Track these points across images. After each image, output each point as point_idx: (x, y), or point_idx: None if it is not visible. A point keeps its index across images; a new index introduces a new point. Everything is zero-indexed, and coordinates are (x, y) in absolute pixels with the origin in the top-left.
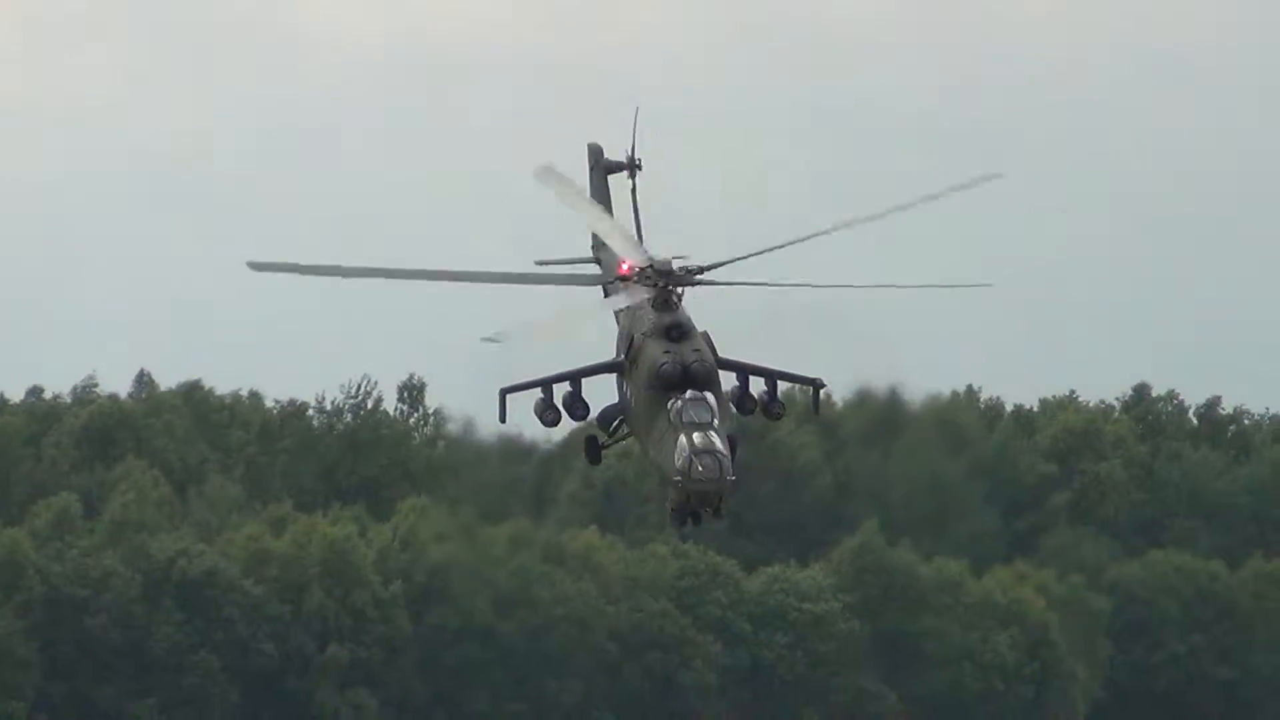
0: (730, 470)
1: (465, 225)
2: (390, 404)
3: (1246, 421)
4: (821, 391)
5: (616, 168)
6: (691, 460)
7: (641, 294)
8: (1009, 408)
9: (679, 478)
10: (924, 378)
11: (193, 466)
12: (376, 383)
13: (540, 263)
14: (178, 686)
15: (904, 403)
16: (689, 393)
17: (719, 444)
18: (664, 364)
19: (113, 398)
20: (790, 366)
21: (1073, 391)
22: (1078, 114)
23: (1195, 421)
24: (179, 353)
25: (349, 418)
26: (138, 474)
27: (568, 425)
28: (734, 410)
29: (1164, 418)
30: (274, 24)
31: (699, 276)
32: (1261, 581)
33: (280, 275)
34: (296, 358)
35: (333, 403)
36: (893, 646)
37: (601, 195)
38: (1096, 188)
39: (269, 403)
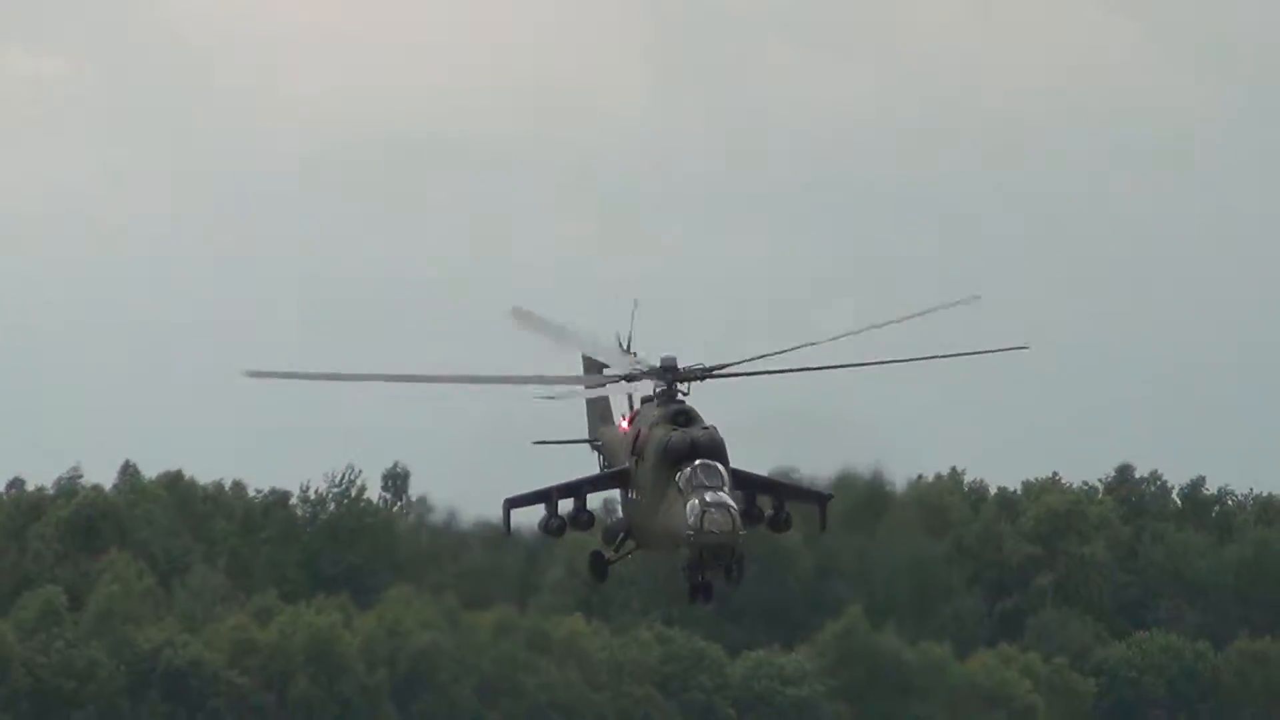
0: (741, 525)
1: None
2: (374, 492)
3: (1230, 502)
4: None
5: (598, 366)
6: (703, 514)
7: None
8: (992, 490)
9: (691, 533)
10: (907, 461)
11: (176, 557)
12: (361, 471)
13: (537, 443)
14: None
15: (887, 485)
16: (699, 460)
17: (729, 500)
18: (673, 437)
19: (96, 489)
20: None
21: (1055, 473)
22: (1058, 197)
23: (1179, 502)
24: (162, 443)
25: (332, 506)
26: (122, 565)
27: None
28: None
29: (1147, 498)
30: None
31: (703, 371)
32: (1247, 661)
33: (267, 358)
34: (278, 447)
35: (316, 492)
36: None
37: (597, 397)
38: (1080, 270)
39: (251, 492)
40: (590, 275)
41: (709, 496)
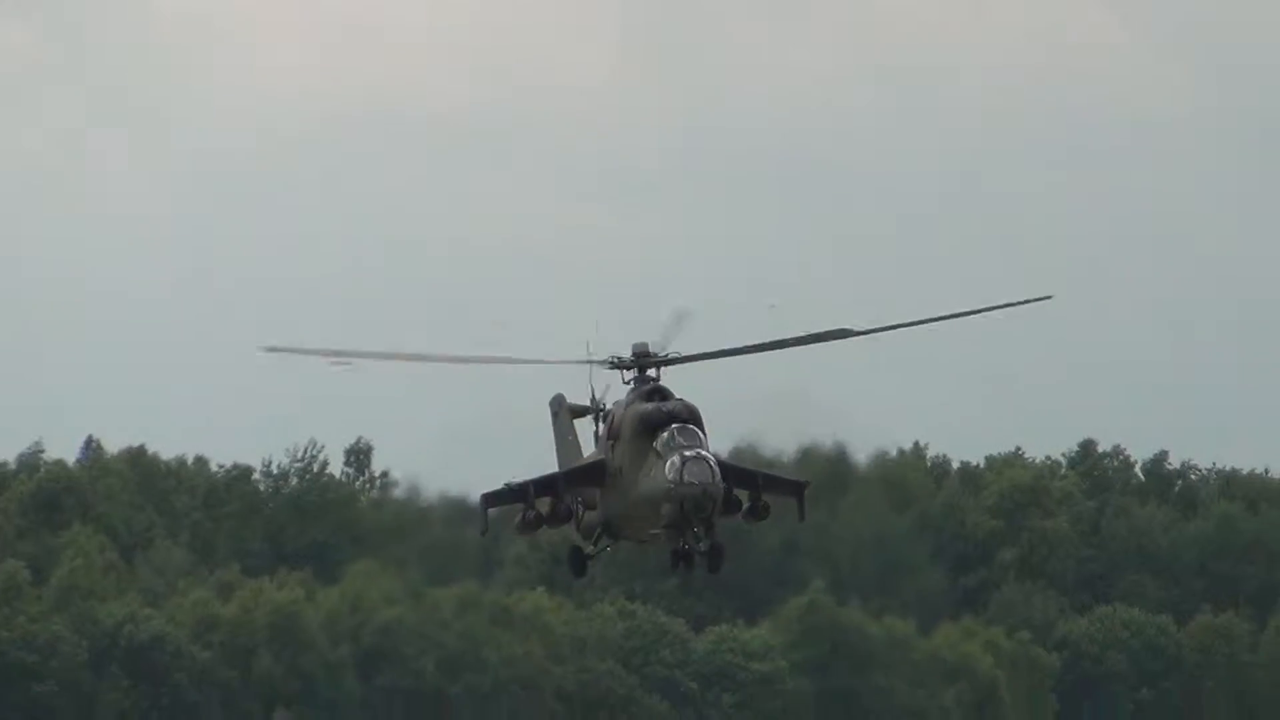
0: (720, 479)
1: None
2: (336, 468)
3: (1193, 476)
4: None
5: (582, 412)
6: (683, 466)
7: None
8: (955, 465)
9: (671, 485)
10: (870, 436)
11: (139, 532)
12: (323, 446)
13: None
14: None
15: (850, 461)
16: (675, 424)
17: (708, 455)
18: (649, 407)
19: (59, 464)
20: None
21: (1019, 448)
22: (1027, 173)
23: (1142, 477)
24: (126, 418)
25: (295, 481)
26: (84, 540)
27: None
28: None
29: (1110, 473)
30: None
31: (673, 357)
32: (1210, 635)
33: (222, 343)
34: (241, 422)
35: (278, 467)
36: (840, 705)
37: (567, 437)
38: (1043, 248)
39: (214, 467)
40: (549, 257)
41: (688, 452)
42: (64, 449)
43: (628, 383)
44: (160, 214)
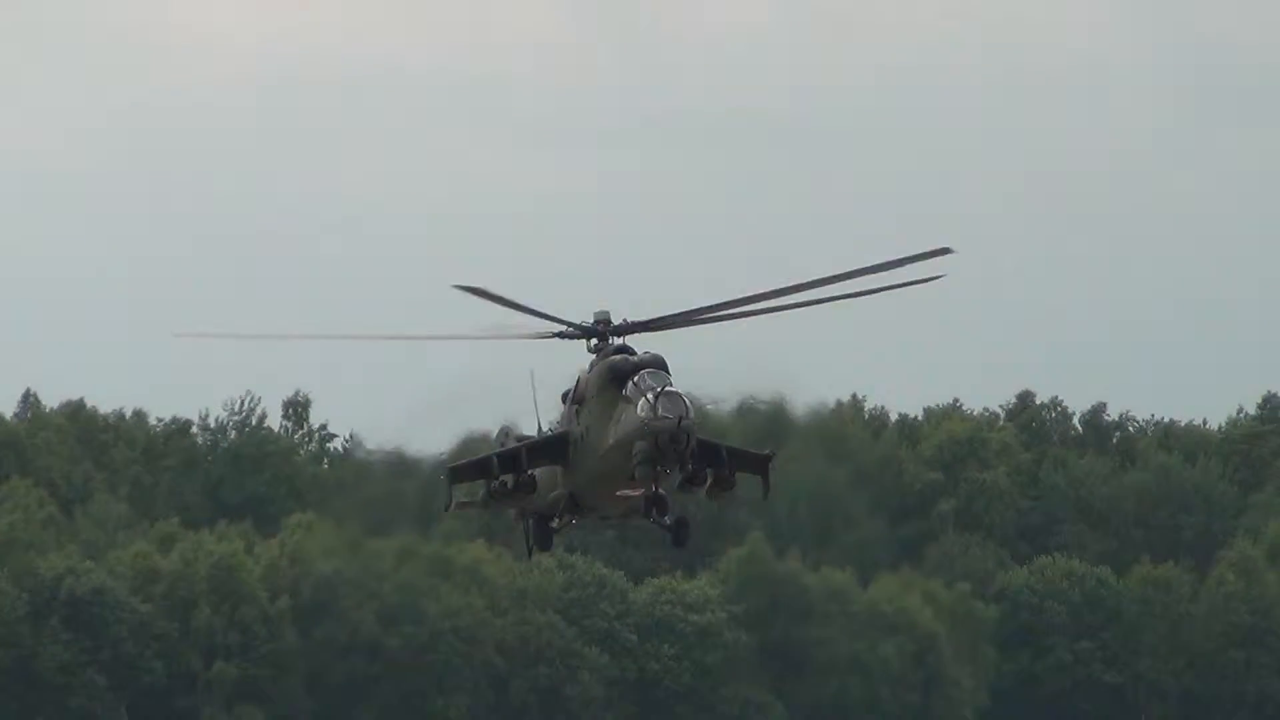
0: (693, 412)
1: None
2: (275, 421)
3: (1131, 428)
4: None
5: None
6: (655, 402)
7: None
8: (893, 417)
9: (645, 420)
10: (808, 388)
11: (78, 485)
12: (260, 399)
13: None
14: (65, 706)
15: (788, 413)
16: (645, 369)
17: (679, 391)
18: (616, 359)
19: None
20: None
21: (956, 400)
22: (957, 122)
23: (1080, 428)
24: (62, 372)
25: (233, 435)
26: (23, 493)
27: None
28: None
29: (1048, 425)
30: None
31: (636, 325)
32: (1148, 586)
33: (165, 292)
34: (180, 375)
35: (216, 420)
36: (779, 656)
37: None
38: (979, 199)
39: (152, 421)
40: (504, 210)
41: (659, 389)
42: (2, 403)
43: (592, 352)
44: (99, 169)
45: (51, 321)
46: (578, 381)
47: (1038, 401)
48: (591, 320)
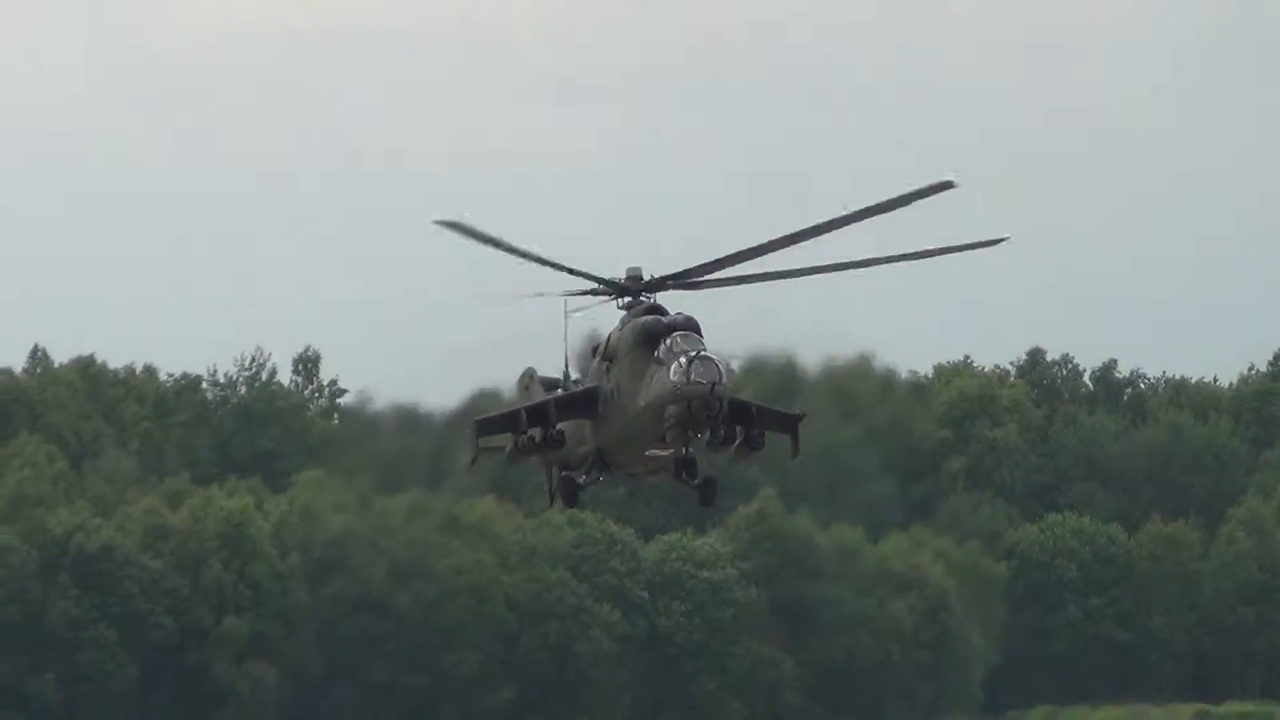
0: (726, 377)
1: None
2: (285, 376)
3: (1143, 385)
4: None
5: (553, 386)
6: (689, 366)
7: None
8: (904, 374)
9: (677, 385)
10: (818, 344)
11: (88, 441)
12: (270, 354)
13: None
14: (75, 662)
15: (799, 369)
16: (677, 331)
17: (713, 354)
18: (649, 319)
19: (6, 373)
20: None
21: (967, 357)
22: (976, 79)
23: (1091, 386)
24: (72, 327)
25: (243, 390)
26: (32, 449)
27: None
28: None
29: (1059, 382)
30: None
31: (667, 280)
32: (1159, 544)
33: (173, 247)
34: (190, 330)
35: (226, 375)
36: (790, 613)
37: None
38: (995, 152)
39: (163, 376)
40: (538, 170)
41: (692, 353)
42: (11, 358)
43: (622, 309)
44: (111, 126)
45: (58, 277)
46: (609, 338)
47: (1049, 359)
48: (623, 277)
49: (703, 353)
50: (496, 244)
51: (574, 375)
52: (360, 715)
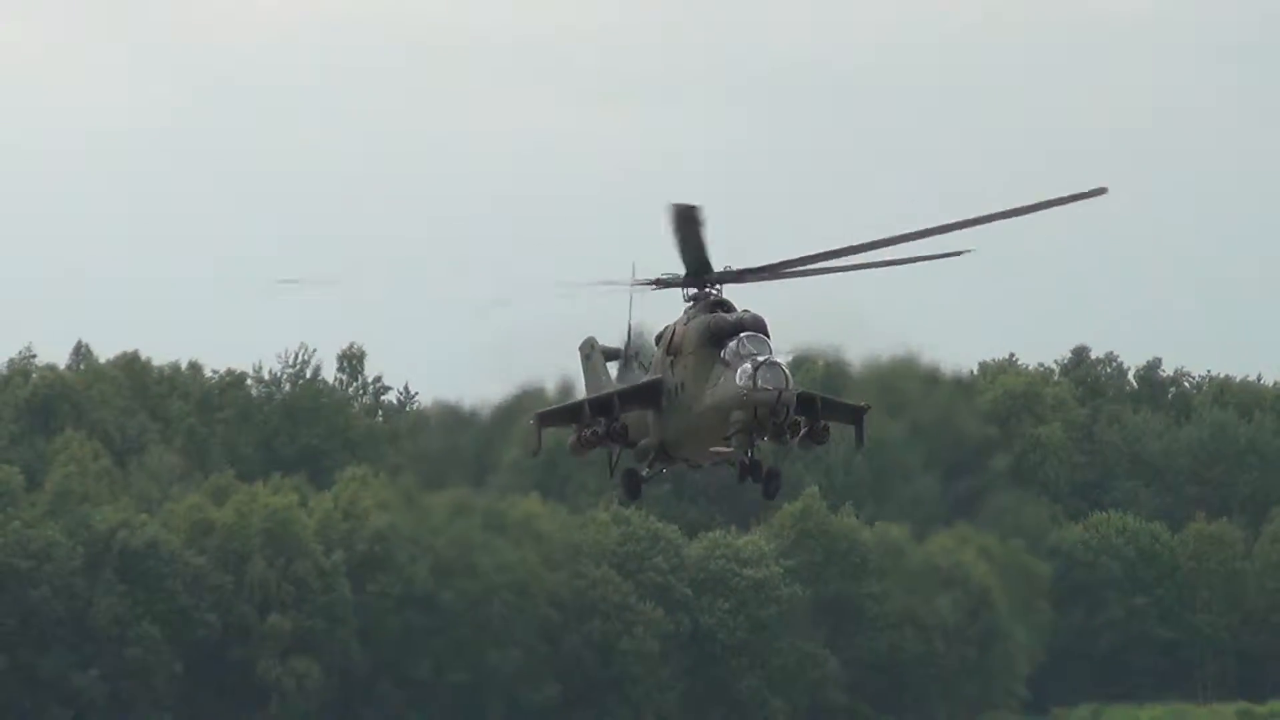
0: (793, 384)
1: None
2: (329, 373)
3: (1187, 384)
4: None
5: (614, 355)
6: (755, 372)
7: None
8: (948, 371)
9: (744, 392)
10: (863, 341)
11: (132, 437)
12: (315, 351)
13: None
14: (120, 657)
15: (844, 366)
16: (744, 332)
17: (780, 360)
18: (716, 316)
19: (51, 369)
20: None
21: (1012, 354)
22: (1013, 80)
23: (1135, 384)
24: (117, 324)
25: (287, 387)
26: (77, 445)
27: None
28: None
29: (1103, 380)
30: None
31: (734, 273)
32: (1203, 543)
33: (218, 246)
34: (234, 327)
35: (270, 372)
36: (834, 611)
37: (600, 379)
38: (1034, 151)
39: (208, 373)
40: (593, 168)
41: (760, 358)
42: (56, 354)
43: (688, 300)
44: (157, 124)
45: (102, 275)
46: (673, 330)
47: (1093, 356)
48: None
49: (771, 358)
50: (700, 246)
51: (633, 341)
52: (404, 712)
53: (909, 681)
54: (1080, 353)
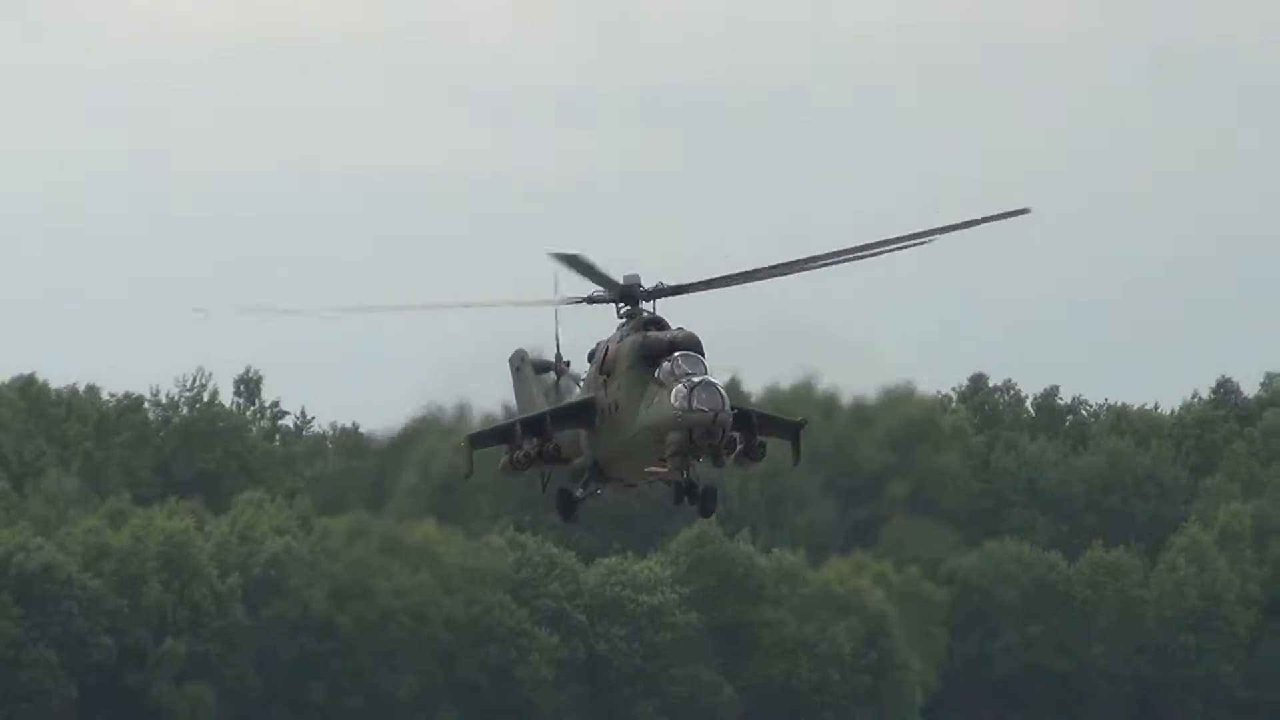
0: (729, 405)
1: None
2: (226, 397)
3: (1084, 411)
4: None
5: (545, 367)
6: (690, 393)
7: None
8: (847, 398)
9: (679, 413)
10: (761, 369)
11: (29, 460)
12: (211, 375)
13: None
14: (15, 681)
15: (741, 394)
16: (679, 352)
17: (715, 380)
18: (649, 336)
19: None
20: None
21: (909, 381)
22: (935, 99)
23: (1032, 411)
24: (13, 346)
25: (185, 410)
26: None
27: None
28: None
29: (1001, 408)
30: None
31: (667, 289)
32: (1099, 571)
33: (121, 267)
34: (132, 350)
35: (167, 395)
36: (730, 638)
37: (531, 392)
38: (930, 176)
39: (105, 395)
40: (545, 190)
41: (695, 379)
42: None
43: (621, 318)
44: (66, 146)
45: (3, 297)
46: (605, 348)
47: (990, 384)
48: (620, 283)
49: (706, 378)
50: (607, 280)
51: (565, 357)
52: None
53: (805, 708)
54: (978, 380)
